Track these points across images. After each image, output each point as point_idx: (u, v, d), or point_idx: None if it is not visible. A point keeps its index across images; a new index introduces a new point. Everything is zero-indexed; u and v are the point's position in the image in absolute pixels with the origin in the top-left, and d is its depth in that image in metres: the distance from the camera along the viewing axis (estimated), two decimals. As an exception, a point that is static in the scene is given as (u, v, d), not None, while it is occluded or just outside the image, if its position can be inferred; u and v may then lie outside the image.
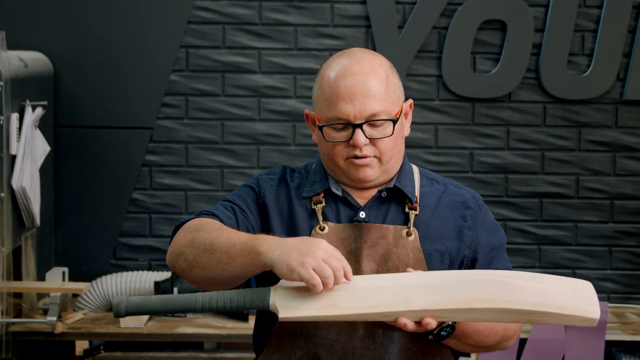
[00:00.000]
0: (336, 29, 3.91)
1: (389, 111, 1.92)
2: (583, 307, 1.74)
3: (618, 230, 3.99)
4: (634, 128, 3.95)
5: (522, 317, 1.75)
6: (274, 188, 2.01)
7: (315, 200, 1.97)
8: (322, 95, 1.94)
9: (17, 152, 3.36)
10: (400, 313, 1.75)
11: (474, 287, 1.74)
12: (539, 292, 1.74)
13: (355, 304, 1.74)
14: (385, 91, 1.92)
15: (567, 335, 3.52)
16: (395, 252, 1.91)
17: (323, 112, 1.94)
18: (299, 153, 3.94)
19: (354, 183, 1.97)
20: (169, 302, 1.81)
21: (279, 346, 1.91)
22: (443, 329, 1.81)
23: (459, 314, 1.75)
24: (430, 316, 1.75)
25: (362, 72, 1.91)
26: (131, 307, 1.81)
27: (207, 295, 1.78)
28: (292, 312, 1.75)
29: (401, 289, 1.76)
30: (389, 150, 1.93)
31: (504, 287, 1.74)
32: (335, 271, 1.71)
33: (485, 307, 1.73)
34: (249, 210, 1.99)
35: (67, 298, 3.60)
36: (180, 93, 3.93)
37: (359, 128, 1.90)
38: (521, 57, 3.89)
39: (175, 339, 3.52)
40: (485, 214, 2.03)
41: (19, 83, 3.41)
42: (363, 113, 1.89)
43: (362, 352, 1.87)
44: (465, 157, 3.96)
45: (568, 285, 1.77)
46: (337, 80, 1.91)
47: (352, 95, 1.89)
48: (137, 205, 3.96)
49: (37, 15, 3.87)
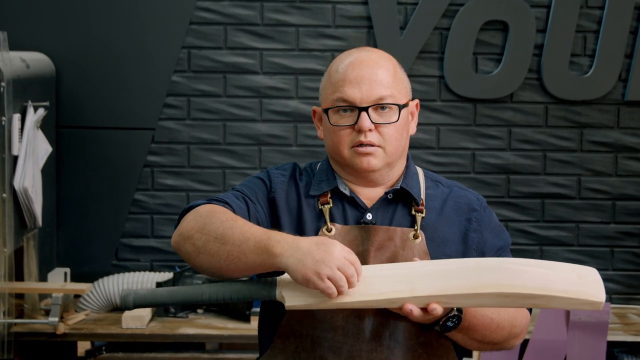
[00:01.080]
0: (338, 29, 3.91)
1: (396, 97, 1.93)
2: (588, 291, 1.75)
3: (620, 231, 3.98)
4: (635, 129, 3.95)
5: (527, 301, 1.75)
6: (284, 185, 2.01)
7: (323, 201, 1.97)
8: (329, 82, 1.96)
9: (19, 153, 3.36)
10: (406, 299, 1.75)
11: (480, 273, 1.75)
12: (543, 277, 1.75)
13: (361, 291, 1.75)
14: (393, 80, 1.94)
15: (569, 336, 3.52)
16: (402, 255, 1.91)
17: (329, 97, 1.95)
18: (301, 154, 3.94)
19: (358, 173, 1.96)
20: (176, 293, 1.80)
21: (283, 347, 1.91)
22: (449, 319, 1.81)
23: (464, 299, 1.76)
24: (436, 302, 1.75)
25: (370, 62, 1.94)
26: (139, 299, 1.80)
27: (214, 287, 1.78)
28: (298, 299, 1.75)
29: (407, 276, 1.77)
30: (394, 140, 1.93)
31: (509, 273, 1.75)
32: (349, 277, 1.72)
33: (491, 292, 1.74)
34: (259, 204, 1.97)
35: (69, 299, 3.60)
36: (182, 94, 3.93)
37: (365, 111, 1.90)
38: (523, 57, 3.89)
39: (177, 339, 3.51)
40: (490, 216, 2.03)
41: (20, 84, 3.41)
42: (370, 96, 1.90)
43: (368, 354, 1.87)
44: (467, 158, 3.96)
45: (573, 270, 1.78)
46: (346, 68, 1.94)
47: (360, 79, 1.91)
48: (138, 206, 3.96)
49: (39, 16, 3.87)
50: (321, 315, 1.87)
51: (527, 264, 1.77)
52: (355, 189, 1.99)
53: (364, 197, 1.98)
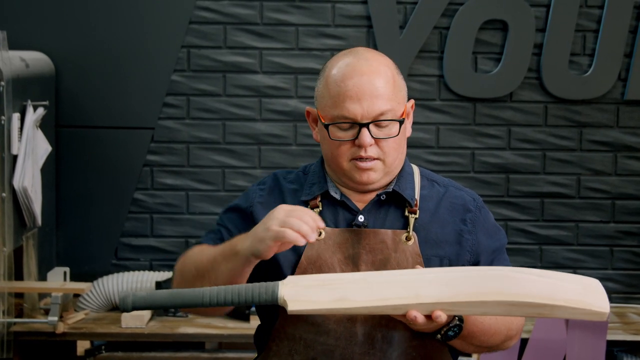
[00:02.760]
0: (337, 29, 3.91)
1: (396, 111, 1.91)
2: (592, 302, 1.75)
3: (619, 230, 3.98)
4: (635, 128, 3.95)
5: (532, 310, 1.74)
6: (264, 198, 2.00)
7: (312, 205, 1.96)
8: (327, 93, 1.92)
9: (18, 152, 3.36)
10: (410, 306, 1.73)
11: (485, 281, 1.74)
12: (548, 286, 1.74)
13: (365, 296, 1.73)
14: (393, 91, 1.91)
15: (569, 335, 3.52)
16: (395, 257, 1.90)
17: (328, 111, 1.92)
18: (300, 153, 3.94)
19: (356, 186, 1.95)
20: (175, 296, 1.77)
21: (276, 350, 1.91)
22: (451, 329, 1.80)
23: (469, 307, 1.74)
24: (440, 309, 1.73)
25: (370, 72, 1.90)
26: (138, 302, 1.77)
27: (215, 290, 1.75)
28: (301, 305, 1.73)
29: (412, 282, 1.75)
30: (393, 152, 1.92)
31: (515, 281, 1.74)
32: (301, 217, 1.73)
33: (496, 300, 1.73)
34: (237, 229, 1.97)
35: (68, 298, 3.60)
36: (181, 93, 3.93)
37: (366, 128, 1.88)
38: (522, 57, 3.89)
39: (176, 339, 3.52)
40: (486, 216, 2.02)
41: (20, 83, 3.41)
42: (371, 112, 1.88)
43: (361, 357, 1.86)
44: (466, 157, 3.96)
45: (576, 280, 1.78)
46: (345, 79, 1.90)
47: (360, 94, 1.88)
48: (138, 205, 3.96)
49: (38, 16, 3.87)
50: (314, 318, 1.86)
51: (531, 273, 1.77)
52: (346, 191, 1.98)
53: (356, 199, 1.97)
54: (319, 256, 1.90)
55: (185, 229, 3.96)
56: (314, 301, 1.73)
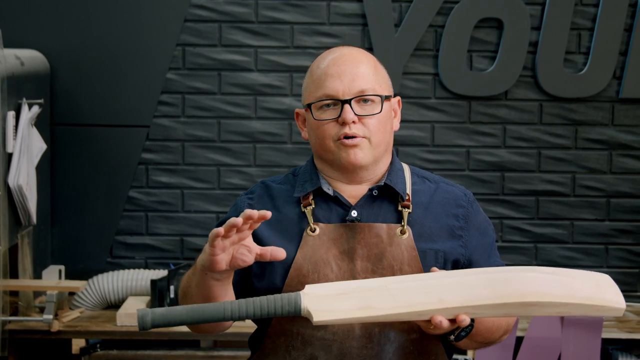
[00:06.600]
0: (332, 27, 3.91)
1: (377, 91, 1.94)
2: (609, 297, 1.78)
3: (614, 228, 3.99)
4: (630, 126, 3.95)
5: (552, 309, 1.76)
6: (253, 206, 2.01)
7: (305, 203, 1.96)
8: (311, 80, 1.97)
9: (13, 150, 3.36)
10: (435, 311, 1.74)
11: (505, 283, 1.75)
12: (566, 285, 1.76)
13: (389, 304, 1.73)
14: (374, 74, 1.96)
15: (564, 333, 3.52)
16: (390, 251, 1.90)
17: (312, 94, 1.96)
18: (296, 151, 3.94)
19: (345, 168, 1.95)
20: (196, 312, 1.70)
21: (273, 347, 1.91)
22: (463, 330, 1.80)
23: (492, 309, 1.75)
24: (464, 313, 1.74)
25: (351, 58, 1.96)
26: (158, 319, 1.69)
27: (236, 304, 1.71)
28: (326, 315, 1.72)
29: (433, 287, 1.75)
30: (378, 132, 1.94)
31: (534, 282, 1.75)
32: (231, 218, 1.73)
33: (517, 302, 1.73)
34: None
35: (63, 296, 3.60)
36: (176, 91, 3.93)
37: (348, 104, 1.91)
38: (517, 55, 3.89)
39: (171, 337, 3.51)
40: (477, 212, 2.03)
41: (15, 81, 3.41)
42: (352, 88, 1.92)
43: (359, 351, 1.87)
44: (461, 155, 3.96)
45: (589, 277, 1.80)
46: (327, 65, 1.96)
47: (341, 73, 1.93)
48: (133, 203, 3.96)
49: (33, 14, 3.87)
50: None
51: (544, 272, 1.78)
52: (339, 187, 1.98)
53: (348, 195, 1.97)
54: (314, 252, 1.91)
55: (181, 227, 3.96)
56: (338, 311, 1.72)
